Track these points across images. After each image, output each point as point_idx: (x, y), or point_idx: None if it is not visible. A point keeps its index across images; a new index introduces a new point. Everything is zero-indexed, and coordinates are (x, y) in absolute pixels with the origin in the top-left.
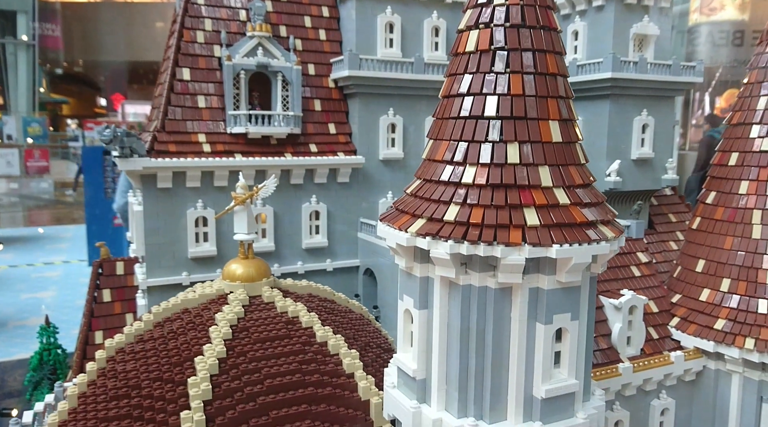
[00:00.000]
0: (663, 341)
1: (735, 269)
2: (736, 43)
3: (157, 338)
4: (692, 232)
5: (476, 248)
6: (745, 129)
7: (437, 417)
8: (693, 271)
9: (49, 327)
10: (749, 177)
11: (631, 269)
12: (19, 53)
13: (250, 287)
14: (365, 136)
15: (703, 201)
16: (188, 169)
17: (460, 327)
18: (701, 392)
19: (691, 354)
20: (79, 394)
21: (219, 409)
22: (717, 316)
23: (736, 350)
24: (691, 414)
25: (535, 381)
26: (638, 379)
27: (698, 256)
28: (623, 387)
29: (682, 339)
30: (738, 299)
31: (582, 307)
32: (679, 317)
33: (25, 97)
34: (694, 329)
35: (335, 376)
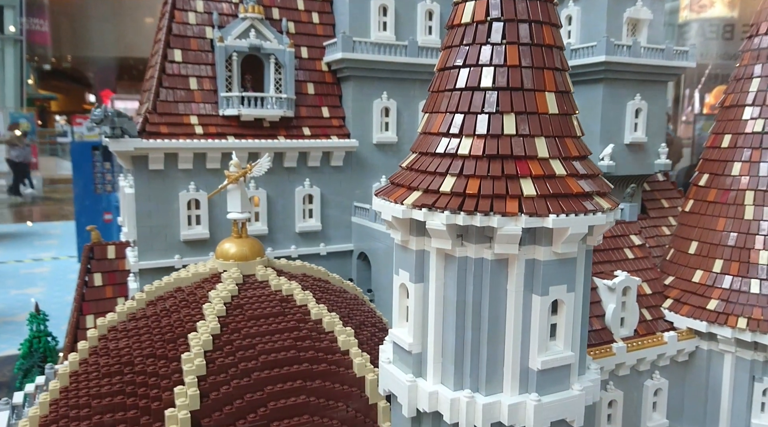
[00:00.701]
0: (656, 323)
1: (727, 249)
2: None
3: (150, 316)
4: (685, 214)
5: (473, 218)
6: (738, 111)
7: (433, 390)
8: (686, 253)
9: (39, 315)
10: (742, 158)
11: (624, 252)
12: (6, 48)
13: (244, 265)
14: (359, 120)
15: (696, 183)
16: (180, 151)
17: (456, 300)
18: (694, 373)
19: (684, 335)
20: (70, 372)
21: (213, 384)
22: (710, 296)
23: (729, 330)
24: (683, 394)
25: (531, 353)
26: (632, 359)
27: (691, 238)
28: (617, 367)
29: (675, 320)
30: (730, 279)
31: (578, 279)
32: (672, 298)
33: (12, 93)
34: (687, 310)
35: (330, 352)
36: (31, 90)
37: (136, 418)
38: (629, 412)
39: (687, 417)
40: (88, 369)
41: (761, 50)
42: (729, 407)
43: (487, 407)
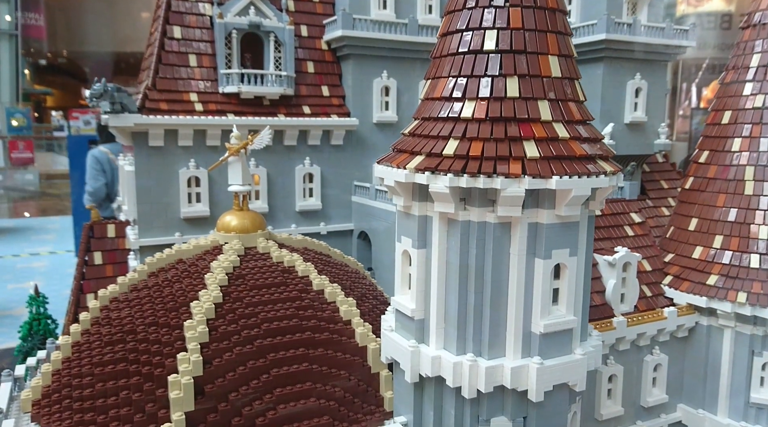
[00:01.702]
0: (656, 299)
1: (727, 225)
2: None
3: (152, 287)
4: (685, 192)
5: (476, 180)
6: (738, 87)
7: (436, 355)
8: (685, 230)
9: (38, 297)
10: (742, 134)
11: (624, 229)
12: (1, 43)
13: (245, 238)
14: (359, 99)
15: (696, 161)
16: (180, 127)
17: (459, 264)
18: (693, 348)
19: (684, 310)
20: (72, 343)
21: (216, 351)
22: (709, 272)
23: (729, 305)
24: (683, 370)
25: (534, 317)
26: (632, 333)
27: (691, 215)
28: (617, 341)
29: (675, 296)
30: (730, 254)
31: (580, 243)
32: (672, 275)
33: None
34: (687, 286)
35: (332, 322)
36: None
37: (139, 384)
38: (629, 387)
39: (686, 393)
40: (90, 339)
41: (762, 25)
42: (728, 382)
43: (489, 370)
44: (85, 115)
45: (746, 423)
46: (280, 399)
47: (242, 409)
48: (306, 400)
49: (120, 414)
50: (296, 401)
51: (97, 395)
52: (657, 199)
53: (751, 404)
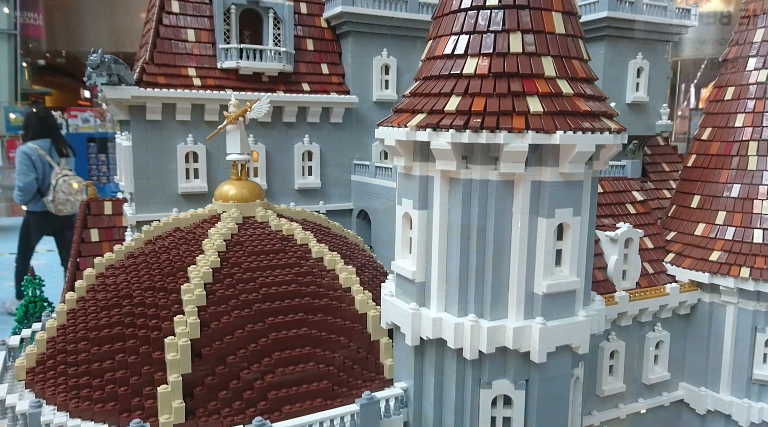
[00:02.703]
0: (658, 276)
1: (730, 201)
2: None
3: (149, 253)
4: (687, 169)
5: (478, 136)
6: (741, 62)
7: (437, 316)
8: (688, 207)
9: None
10: (745, 110)
11: (626, 207)
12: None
13: (244, 207)
14: (358, 77)
15: (698, 138)
16: (178, 101)
17: (461, 224)
18: (695, 326)
19: (686, 287)
20: (68, 310)
21: (213, 314)
22: (712, 248)
23: (731, 280)
24: (685, 348)
25: (536, 277)
26: (634, 308)
27: (693, 192)
28: (619, 316)
29: (677, 273)
30: (733, 230)
31: (584, 203)
32: (674, 252)
33: (6, 88)
34: (689, 263)
35: (332, 289)
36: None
37: (135, 347)
38: (631, 364)
39: (688, 371)
40: (85, 305)
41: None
42: (731, 359)
43: (491, 331)
44: (83, 113)
45: (749, 400)
46: (279, 363)
47: (240, 372)
48: (305, 364)
49: (116, 377)
50: (295, 366)
51: (92, 359)
52: (658, 182)
53: (753, 380)
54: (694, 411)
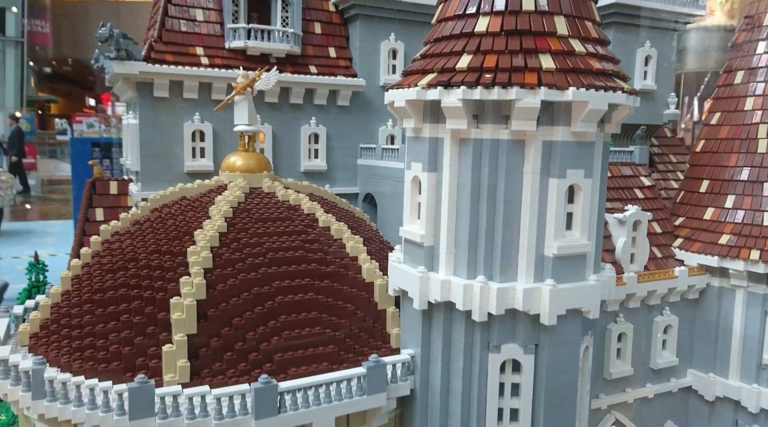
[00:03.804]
0: (666, 261)
1: (740, 184)
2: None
3: (155, 220)
4: (696, 155)
5: (490, 92)
6: (751, 46)
7: (446, 279)
8: (696, 192)
9: (38, 264)
10: (755, 93)
11: (634, 192)
12: (7, 50)
13: (251, 177)
14: (366, 61)
15: (707, 123)
16: (185, 79)
17: (471, 185)
18: (704, 311)
19: (695, 271)
20: (72, 276)
21: (220, 276)
22: (721, 232)
23: (741, 263)
24: (693, 334)
25: (547, 239)
26: (642, 290)
27: (702, 177)
28: (627, 298)
29: (686, 258)
30: (743, 213)
31: (595, 166)
32: (683, 237)
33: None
34: (698, 247)
35: (339, 257)
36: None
37: (140, 308)
38: (638, 348)
39: (697, 357)
40: (90, 270)
41: None
42: (740, 344)
43: (501, 292)
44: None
45: (758, 386)
46: (285, 326)
47: (246, 334)
48: (311, 329)
49: (120, 337)
50: (301, 329)
51: (96, 320)
52: (666, 172)
53: (763, 366)
54: (702, 398)
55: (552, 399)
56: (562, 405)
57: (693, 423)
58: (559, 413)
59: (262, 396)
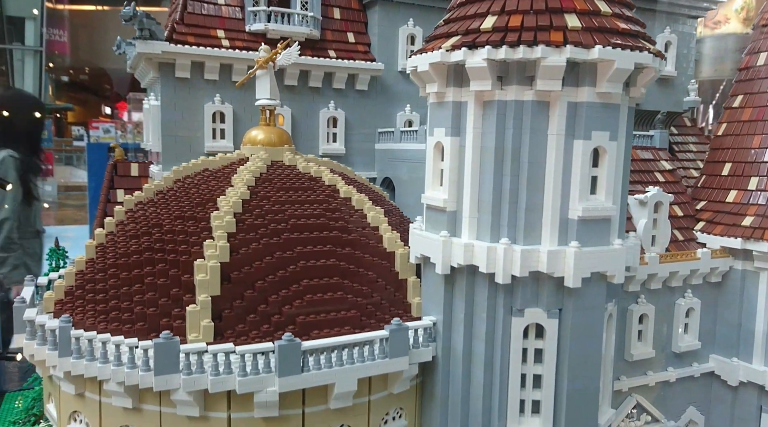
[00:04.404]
0: (688, 244)
1: (763, 166)
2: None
3: (178, 189)
4: (717, 139)
5: (515, 51)
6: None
7: (468, 242)
8: (718, 175)
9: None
10: None
11: (655, 175)
12: (26, 59)
13: (272, 150)
14: (384, 46)
15: (729, 107)
16: (207, 60)
17: (495, 147)
18: (727, 295)
19: (718, 254)
20: (96, 245)
21: (243, 241)
22: (744, 213)
23: (765, 244)
24: (716, 319)
25: (572, 201)
26: (664, 271)
27: (724, 160)
28: (649, 278)
29: (708, 241)
30: (767, 195)
31: (620, 129)
32: (705, 220)
33: None
34: (721, 229)
35: (360, 226)
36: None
37: (164, 270)
38: (660, 330)
39: (719, 342)
40: (114, 238)
41: None
42: (764, 328)
43: (525, 254)
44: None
45: None
46: (308, 290)
47: (269, 297)
48: (333, 293)
49: (145, 299)
50: (323, 293)
51: (121, 284)
52: (686, 162)
53: None
54: (725, 383)
55: (576, 366)
56: (586, 372)
57: (716, 409)
58: (583, 381)
59: (286, 354)
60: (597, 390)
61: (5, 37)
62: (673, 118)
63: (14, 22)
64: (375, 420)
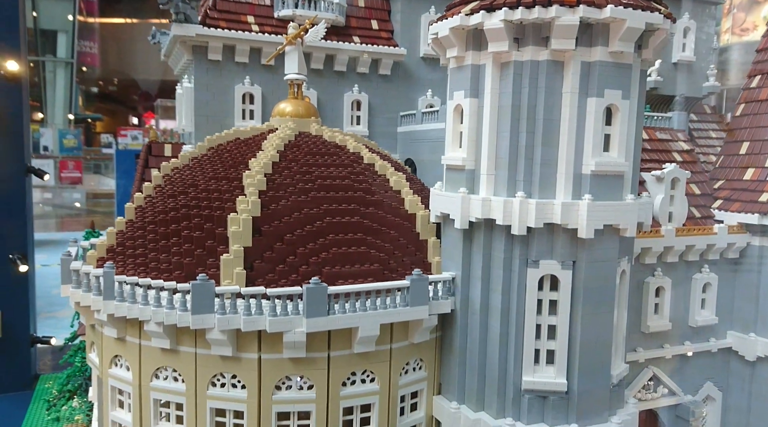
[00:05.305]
0: (705, 221)
1: None
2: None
3: (211, 155)
4: (736, 119)
5: (530, 12)
6: None
7: (486, 197)
8: (736, 155)
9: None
10: None
11: (672, 154)
12: (58, 70)
13: (300, 122)
14: (407, 33)
15: (747, 87)
16: (238, 43)
17: (511, 106)
18: (745, 271)
19: (735, 230)
20: (135, 207)
21: (273, 198)
22: (762, 190)
23: None
24: (733, 294)
25: (585, 157)
26: (680, 244)
27: (742, 139)
28: (665, 251)
29: (726, 218)
30: None
31: (632, 89)
32: (722, 198)
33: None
34: (738, 206)
35: (383, 189)
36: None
37: (199, 225)
38: (677, 304)
39: (737, 318)
40: (152, 199)
41: None
42: None
43: (540, 206)
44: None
45: None
46: (334, 243)
47: (297, 249)
48: (357, 248)
49: (182, 250)
50: (348, 248)
51: (159, 238)
52: (706, 147)
53: None
54: (743, 358)
55: (589, 317)
56: (599, 324)
57: (733, 385)
58: (596, 332)
59: (313, 296)
60: (610, 342)
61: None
62: (693, 103)
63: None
64: (396, 368)
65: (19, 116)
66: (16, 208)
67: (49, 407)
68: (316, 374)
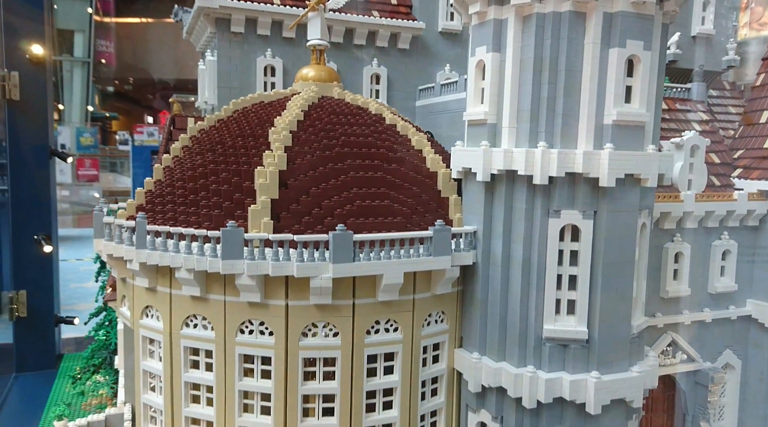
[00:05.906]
0: (725, 189)
1: None
2: None
3: (237, 117)
4: (756, 89)
5: None
6: None
7: (508, 149)
8: (756, 124)
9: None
10: None
11: (692, 124)
12: (75, 70)
13: (322, 86)
14: (425, 7)
15: (767, 58)
16: (260, 15)
17: (534, 58)
18: (764, 238)
19: (755, 197)
20: (164, 167)
21: (298, 153)
22: None
23: None
24: (753, 262)
25: (607, 107)
26: (700, 210)
27: (762, 108)
28: (684, 216)
29: (746, 186)
30: None
31: (654, 40)
32: (742, 167)
33: (78, 111)
34: (758, 174)
35: (405, 147)
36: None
37: (227, 178)
38: (696, 271)
39: (757, 285)
40: (181, 159)
41: None
42: None
43: (561, 155)
44: (148, 128)
45: None
46: (357, 196)
47: (322, 201)
48: (381, 201)
49: (210, 203)
50: (372, 200)
51: (188, 192)
52: (725, 122)
53: None
54: (762, 326)
55: (609, 267)
56: (620, 274)
57: (753, 354)
58: (617, 282)
59: (339, 242)
60: (630, 292)
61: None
62: (712, 77)
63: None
64: (419, 319)
65: (43, 100)
66: (40, 190)
67: (74, 382)
68: (341, 321)
